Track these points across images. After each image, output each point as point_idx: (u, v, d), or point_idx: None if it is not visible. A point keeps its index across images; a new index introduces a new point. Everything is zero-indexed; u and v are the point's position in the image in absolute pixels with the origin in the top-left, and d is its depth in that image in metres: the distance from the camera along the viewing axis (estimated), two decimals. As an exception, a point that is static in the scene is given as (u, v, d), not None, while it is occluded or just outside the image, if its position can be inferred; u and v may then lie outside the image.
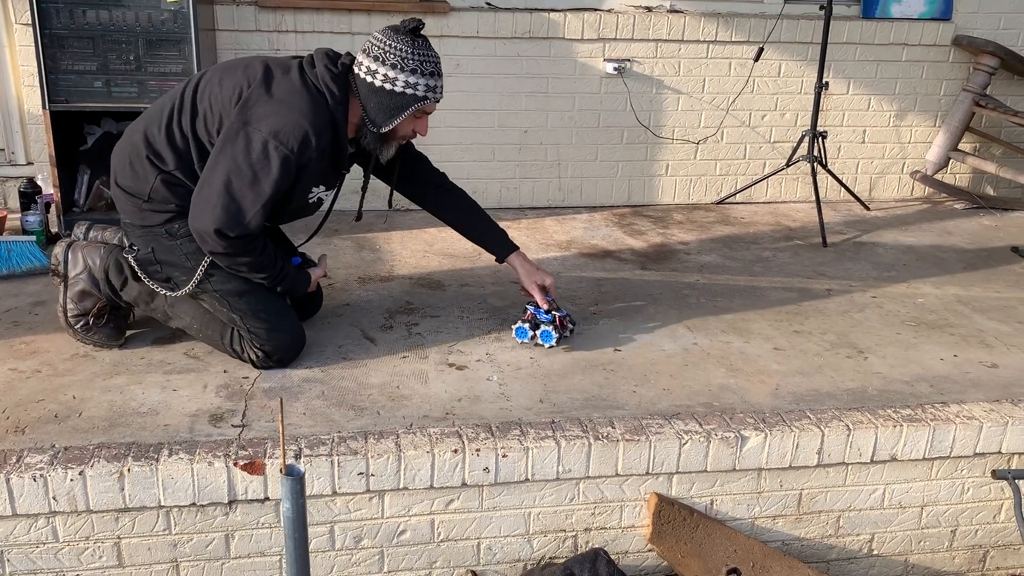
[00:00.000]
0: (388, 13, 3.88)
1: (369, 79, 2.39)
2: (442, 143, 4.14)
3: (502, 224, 2.95)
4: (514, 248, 2.86)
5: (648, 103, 4.28)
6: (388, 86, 2.38)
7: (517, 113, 4.18)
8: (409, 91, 2.39)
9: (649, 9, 4.20)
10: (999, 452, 2.49)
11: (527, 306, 2.81)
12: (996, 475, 2.51)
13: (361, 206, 2.76)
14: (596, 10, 4.13)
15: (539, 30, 4.05)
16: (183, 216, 2.43)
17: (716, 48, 4.25)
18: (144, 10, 3.32)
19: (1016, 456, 2.52)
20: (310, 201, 2.56)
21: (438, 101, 2.48)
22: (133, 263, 2.54)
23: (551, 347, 2.74)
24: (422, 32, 2.41)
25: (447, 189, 2.86)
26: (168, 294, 2.55)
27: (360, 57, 2.42)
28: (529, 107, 4.18)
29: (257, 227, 2.36)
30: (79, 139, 3.65)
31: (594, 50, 4.14)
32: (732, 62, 4.29)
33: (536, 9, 4.06)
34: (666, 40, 4.19)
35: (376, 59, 2.38)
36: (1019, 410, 2.50)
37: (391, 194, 2.82)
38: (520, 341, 2.77)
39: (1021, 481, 2.52)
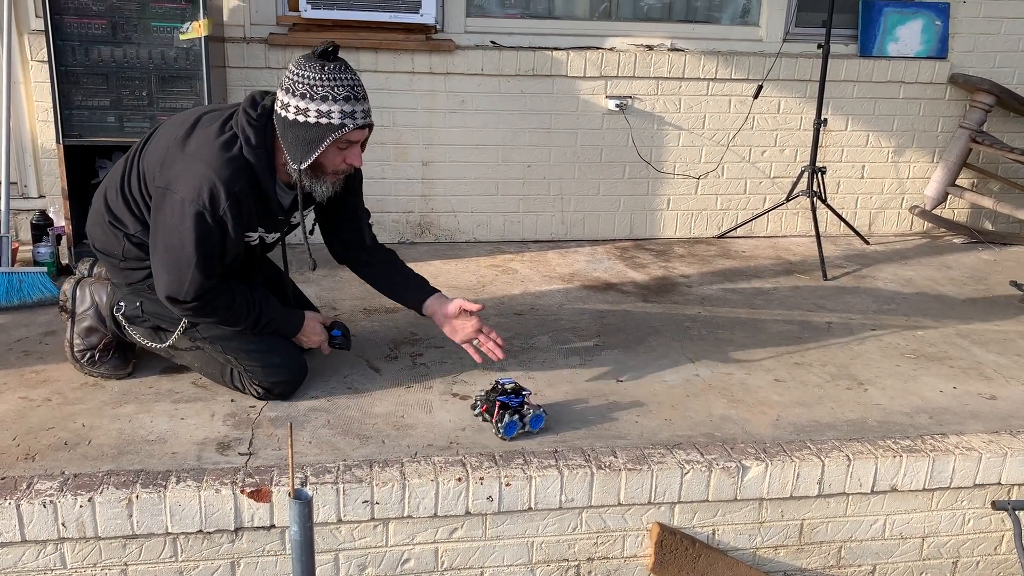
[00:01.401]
0: (395, 52, 3.97)
1: (283, 113, 2.28)
2: (447, 177, 4.21)
3: (506, 256, 2.98)
4: (432, 292, 2.71)
5: (649, 139, 4.35)
6: (301, 118, 2.25)
7: (521, 148, 4.25)
8: (324, 120, 2.24)
9: (650, 48, 4.28)
10: (999, 483, 2.50)
11: (495, 397, 2.45)
12: (996, 506, 2.53)
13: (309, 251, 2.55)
14: (598, 49, 4.22)
15: (542, 68, 4.14)
16: None
17: (716, 85, 4.33)
18: (157, 48, 3.40)
19: (1016, 487, 2.53)
20: (251, 245, 2.48)
21: (362, 128, 2.30)
22: (122, 320, 2.57)
23: (511, 439, 2.41)
24: (337, 56, 2.29)
25: (377, 263, 2.76)
26: (159, 345, 2.59)
27: (278, 93, 2.32)
28: (532, 142, 4.25)
29: (204, 286, 2.34)
30: (91, 173, 3.72)
31: (596, 87, 4.22)
32: (732, 99, 4.36)
33: (540, 48, 4.15)
34: (667, 78, 4.27)
35: (287, 91, 2.27)
36: (1018, 441, 2.52)
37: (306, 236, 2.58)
38: (510, 438, 2.40)
39: (1021, 512, 2.53)
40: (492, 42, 4.15)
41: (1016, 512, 2.52)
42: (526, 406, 2.43)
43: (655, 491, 2.32)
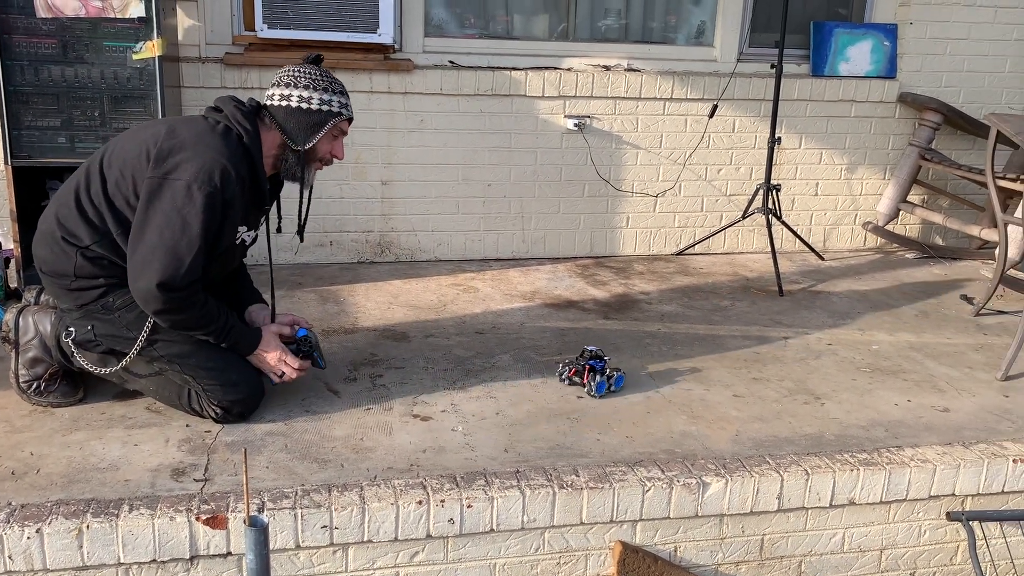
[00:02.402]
0: (353, 71, 3.95)
1: (285, 103, 2.53)
2: (407, 196, 4.20)
3: (467, 274, 2.98)
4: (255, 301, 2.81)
5: (608, 158, 4.38)
6: (304, 105, 2.52)
7: (481, 167, 4.26)
8: (325, 107, 2.53)
9: (607, 68, 4.33)
10: (953, 494, 2.55)
11: (584, 363, 2.88)
12: (951, 517, 2.57)
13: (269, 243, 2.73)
14: (556, 69, 4.25)
15: (501, 87, 4.16)
16: (115, 289, 2.43)
17: (672, 105, 4.38)
18: (110, 67, 3.35)
19: (969, 498, 2.58)
20: (236, 242, 2.57)
21: (350, 120, 2.63)
22: (71, 347, 2.52)
23: (602, 396, 2.82)
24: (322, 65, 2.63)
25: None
26: (112, 370, 2.53)
27: (271, 90, 2.55)
28: (492, 161, 4.26)
29: (197, 273, 2.36)
30: (41, 194, 3.64)
31: (555, 107, 4.25)
32: (688, 118, 4.42)
33: (498, 68, 4.17)
34: (624, 98, 4.31)
35: (288, 85, 2.53)
36: (971, 453, 2.56)
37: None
38: (600, 395, 2.82)
39: (975, 523, 2.58)
40: (451, 62, 4.17)
41: (970, 523, 2.57)
42: (607, 369, 2.86)
43: (617, 509, 2.31)
